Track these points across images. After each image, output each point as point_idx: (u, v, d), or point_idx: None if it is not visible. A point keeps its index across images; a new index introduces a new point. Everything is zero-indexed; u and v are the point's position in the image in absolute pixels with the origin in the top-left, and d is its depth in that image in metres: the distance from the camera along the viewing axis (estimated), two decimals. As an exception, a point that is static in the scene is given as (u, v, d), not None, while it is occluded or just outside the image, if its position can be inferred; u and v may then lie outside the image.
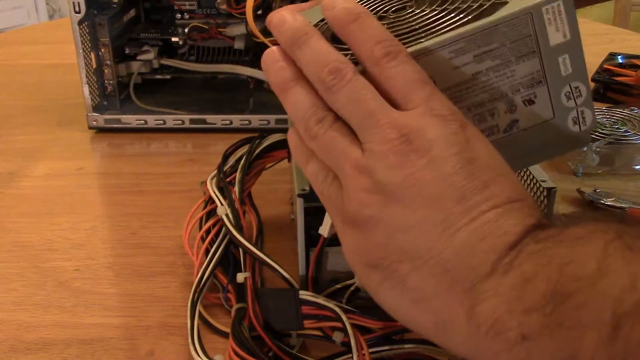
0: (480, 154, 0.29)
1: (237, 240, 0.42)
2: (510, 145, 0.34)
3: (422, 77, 0.31)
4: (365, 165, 0.30)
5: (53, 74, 0.94)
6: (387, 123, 0.30)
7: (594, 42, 1.04)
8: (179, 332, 0.42)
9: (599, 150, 0.62)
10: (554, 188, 0.40)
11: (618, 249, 0.24)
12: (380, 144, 0.29)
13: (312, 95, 0.32)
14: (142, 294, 0.46)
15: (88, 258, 0.50)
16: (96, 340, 0.42)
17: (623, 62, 0.86)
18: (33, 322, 0.44)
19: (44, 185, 0.62)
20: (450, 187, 0.28)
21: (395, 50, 0.31)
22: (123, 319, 0.44)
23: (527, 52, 0.32)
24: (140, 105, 0.75)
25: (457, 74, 0.33)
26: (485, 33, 0.32)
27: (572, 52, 0.33)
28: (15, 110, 0.81)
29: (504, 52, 0.32)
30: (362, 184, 0.30)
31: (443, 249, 0.28)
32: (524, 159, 0.36)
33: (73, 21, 0.68)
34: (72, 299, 0.46)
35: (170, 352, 0.41)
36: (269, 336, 0.38)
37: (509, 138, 0.34)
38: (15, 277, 0.48)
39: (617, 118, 0.67)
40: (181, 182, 0.62)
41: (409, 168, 0.29)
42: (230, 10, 0.73)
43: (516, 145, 0.34)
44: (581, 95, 0.34)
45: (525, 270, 0.26)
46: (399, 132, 0.29)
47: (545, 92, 0.33)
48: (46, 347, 0.41)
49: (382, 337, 0.37)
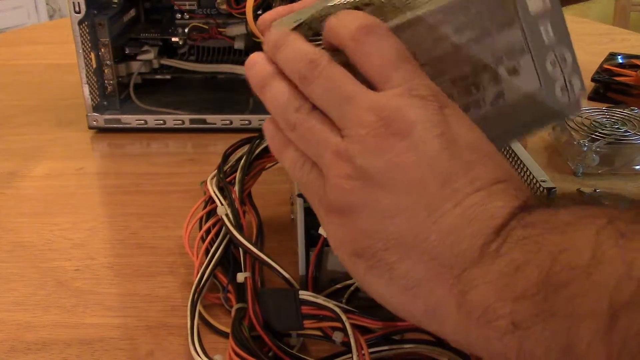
0: (462, 134, 0.29)
1: (237, 240, 0.42)
2: (499, 119, 0.33)
3: (401, 55, 0.30)
4: (345, 150, 0.29)
5: (53, 74, 0.94)
6: (365, 106, 0.29)
7: (594, 42, 1.04)
8: (179, 332, 0.42)
9: (599, 150, 0.62)
10: (554, 188, 0.40)
11: (611, 236, 0.24)
12: (359, 127, 0.29)
13: (290, 88, 0.32)
14: (142, 294, 0.46)
15: (88, 258, 0.50)
16: (96, 340, 0.42)
17: (623, 62, 0.86)
18: (33, 322, 0.44)
19: (44, 185, 0.62)
20: (433, 170, 0.28)
21: (372, 24, 0.31)
22: (123, 319, 0.44)
23: (507, 21, 0.32)
24: (140, 105, 0.75)
25: (438, 46, 0.32)
26: (463, 3, 0.31)
27: (554, 18, 0.32)
28: (15, 110, 0.81)
29: (484, 22, 0.32)
30: (342, 170, 0.29)
31: (429, 234, 0.27)
32: (516, 131, 0.36)
33: (73, 21, 0.68)
34: (72, 299, 0.46)
35: (170, 352, 0.41)
36: (269, 336, 0.38)
37: (497, 111, 0.33)
38: (15, 277, 0.48)
39: (617, 118, 0.67)
40: (181, 182, 0.62)
41: (389, 152, 0.28)
42: (230, 10, 0.73)
43: (505, 118, 0.33)
44: (566, 63, 0.33)
45: (515, 258, 0.25)
46: (377, 115, 0.29)
47: (529, 61, 0.32)
48: (46, 347, 0.41)
49: (382, 337, 0.37)
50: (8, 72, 0.96)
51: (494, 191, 0.28)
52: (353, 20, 0.31)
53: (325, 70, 0.31)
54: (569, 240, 0.25)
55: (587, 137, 0.63)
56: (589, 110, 0.69)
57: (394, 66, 0.30)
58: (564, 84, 0.33)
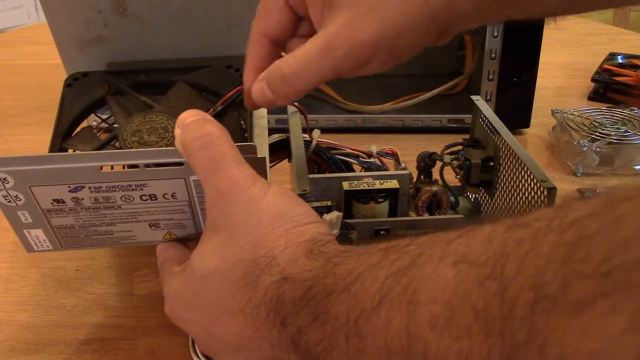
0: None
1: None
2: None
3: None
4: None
5: (53, 74, 0.93)
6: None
7: (594, 42, 1.04)
8: (179, 332, 0.42)
9: (599, 150, 0.62)
10: (554, 188, 0.40)
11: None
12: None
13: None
14: (142, 294, 0.46)
15: (88, 258, 0.50)
16: (96, 340, 0.42)
17: (623, 62, 0.86)
18: (33, 322, 0.44)
19: (44, 185, 0.62)
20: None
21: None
22: (123, 319, 0.44)
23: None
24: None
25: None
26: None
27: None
28: (16, 110, 0.81)
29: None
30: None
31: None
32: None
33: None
34: (72, 299, 0.46)
35: (170, 352, 0.41)
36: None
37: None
38: (15, 277, 0.48)
39: (617, 118, 0.67)
40: (181, 182, 0.62)
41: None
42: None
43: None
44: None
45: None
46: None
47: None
48: (46, 347, 0.41)
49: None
50: (8, 72, 0.96)
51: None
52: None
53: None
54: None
55: (587, 137, 0.63)
56: (589, 110, 0.69)
57: None
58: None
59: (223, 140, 0.33)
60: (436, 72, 0.80)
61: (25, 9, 2.73)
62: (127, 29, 0.46)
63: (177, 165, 0.35)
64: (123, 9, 0.45)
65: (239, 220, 0.31)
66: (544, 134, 0.71)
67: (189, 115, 0.34)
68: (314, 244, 0.30)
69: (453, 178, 0.51)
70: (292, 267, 0.29)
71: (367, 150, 0.51)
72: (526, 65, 0.68)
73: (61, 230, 0.38)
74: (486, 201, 0.51)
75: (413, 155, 0.51)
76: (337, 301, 0.26)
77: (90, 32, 0.46)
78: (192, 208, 0.38)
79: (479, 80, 0.70)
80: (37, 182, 0.35)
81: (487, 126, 0.49)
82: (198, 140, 0.33)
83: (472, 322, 0.21)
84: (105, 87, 0.45)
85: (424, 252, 0.24)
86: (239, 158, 0.33)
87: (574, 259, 0.18)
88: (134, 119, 0.41)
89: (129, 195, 0.36)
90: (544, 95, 0.80)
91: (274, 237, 0.30)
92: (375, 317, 0.24)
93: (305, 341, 0.27)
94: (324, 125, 0.71)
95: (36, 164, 0.34)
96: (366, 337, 0.25)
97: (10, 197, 0.36)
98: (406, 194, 0.46)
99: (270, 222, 0.31)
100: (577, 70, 0.90)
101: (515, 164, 0.44)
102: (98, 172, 0.35)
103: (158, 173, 0.36)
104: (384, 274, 0.25)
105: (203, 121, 0.34)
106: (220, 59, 0.47)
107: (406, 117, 0.72)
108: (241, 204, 0.31)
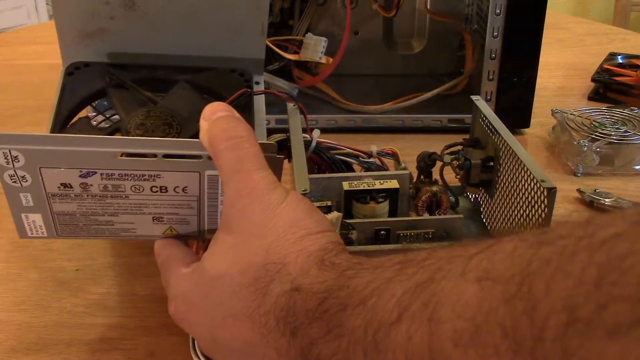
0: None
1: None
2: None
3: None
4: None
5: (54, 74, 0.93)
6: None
7: (594, 42, 1.04)
8: (179, 332, 0.42)
9: (599, 150, 0.62)
10: (554, 188, 0.40)
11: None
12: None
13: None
14: (142, 294, 0.46)
15: (88, 258, 0.50)
16: (96, 340, 0.42)
17: (623, 62, 0.86)
18: (33, 322, 0.44)
19: (44, 185, 0.62)
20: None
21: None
22: (123, 319, 0.44)
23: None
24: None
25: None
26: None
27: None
28: (16, 110, 0.81)
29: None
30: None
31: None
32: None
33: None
34: (72, 299, 0.46)
35: (170, 352, 0.41)
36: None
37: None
38: (15, 277, 0.48)
39: (617, 118, 0.67)
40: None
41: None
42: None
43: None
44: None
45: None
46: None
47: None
48: (46, 347, 0.41)
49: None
50: (8, 72, 0.95)
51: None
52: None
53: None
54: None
55: (587, 137, 0.63)
56: (589, 110, 0.69)
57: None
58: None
59: (251, 142, 0.33)
60: (436, 72, 0.80)
61: (25, 9, 2.73)
62: (132, 24, 0.46)
63: (195, 157, 0.35)
64: (132, 3, 0.45)
65: (254, 223, 0.31)
66: (544, 134, 0.71)
67: (218, 109, 0.34)
68: (325, 254, 0.30)
69: (453, 178, 0.51)
70: (304, 278, 0.29)
71: (367, 150, 0.51)
72: (526, 65, 0.68)
73: (61, 217, 0.37)
74: (486, 201, 0.51)
75: (413, 155, 0.51)
76: (353, 315, 0.26)
77: (94, 24, 0.46)
78: (200, 204, 0.38)
79: (479, 80, 0.70)
80: (49, 163, 0.34)
81: (487, 126, 0.49)
82: (229, 140, 0.33)
83: (500, 340, 0.20)
84: (107, 79, 0.45)
85: (442, 266, 0.24)
86: (263, 163, 0.33)
87: (606, 281, 0.18)
88: (138, 113, 0.41)
89: (139, 185, 0.36)
90: (544, 95, 0.80)
91: (287, 244, 0.30)
92: (395, 332, 0.24)
93: (317, 353, 0.27)
94: (324, 125, 0.71)
95: (52, 144, 0.33)
96: (385, 351, 0.24)
97: (16, 177, 0.35)
98: (406, 194, 0.46)
99: (284, 228, 0.31)
100: (577, 70, 0.90)
101: (515, 164, 0.44)
102: (114, 158, 0.35)
103: (175, 164, 0.35)
104: (401, 288, 0.25)
105: (234, 120, 0.34)
106: (224, 61, 0.47)
107: (406, 117, 0.72)
108: (259, 207, 0.31)
